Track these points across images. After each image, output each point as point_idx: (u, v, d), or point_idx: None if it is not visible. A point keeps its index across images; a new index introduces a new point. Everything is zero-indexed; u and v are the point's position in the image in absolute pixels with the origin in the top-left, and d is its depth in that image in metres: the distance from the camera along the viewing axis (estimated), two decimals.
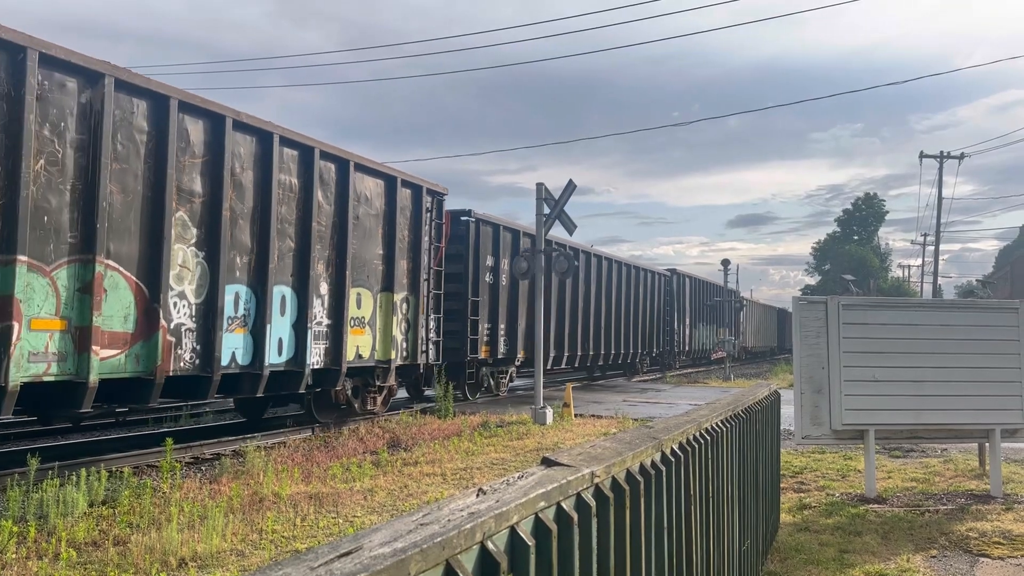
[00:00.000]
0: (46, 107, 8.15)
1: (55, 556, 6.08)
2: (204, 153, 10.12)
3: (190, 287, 9.97)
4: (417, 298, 14.73)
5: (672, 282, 32.76)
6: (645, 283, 29.44)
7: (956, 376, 8.89)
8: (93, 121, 8.62)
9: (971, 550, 6.79)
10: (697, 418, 3.96)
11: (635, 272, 28.39)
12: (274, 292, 11.24)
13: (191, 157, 9.91)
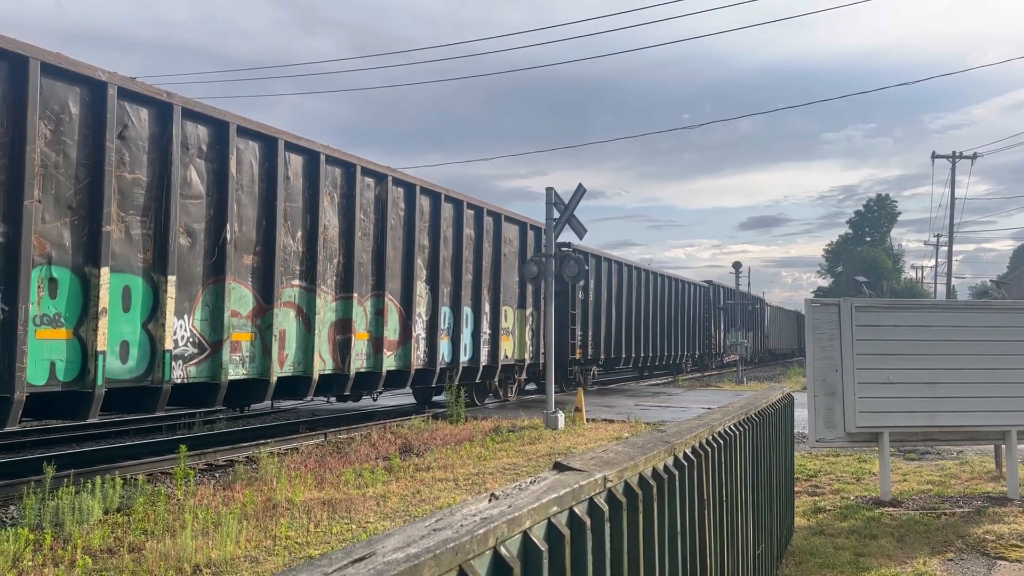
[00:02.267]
0: (367, 205, 13.35)
1: (71, 563, 6.11)
2: (429, 219, 15.21)
3: (423, 309, 14.91)
4: (538, 312, 19.56)
5: (709, 292, 37.56)
6: (687, 294, 33.88)
7: (971, 377, 8.82)
8: (380, 208, 13.65)
9: (988, 553, 6.73)
10: (710, 422, 3.94)
11: (679, 284, 32.79)
12: (462, 311, 16.24)
13: (422, 222, 14.95)
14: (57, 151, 8.32)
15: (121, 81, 8.93)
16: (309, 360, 11.87)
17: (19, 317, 7.82)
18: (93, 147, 8.64)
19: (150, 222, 9.36)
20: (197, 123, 10.00)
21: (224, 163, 10.32)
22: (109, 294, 8.79)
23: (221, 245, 10.28)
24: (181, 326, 9.75)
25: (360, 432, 13.82)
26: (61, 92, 8.33)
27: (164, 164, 9.50)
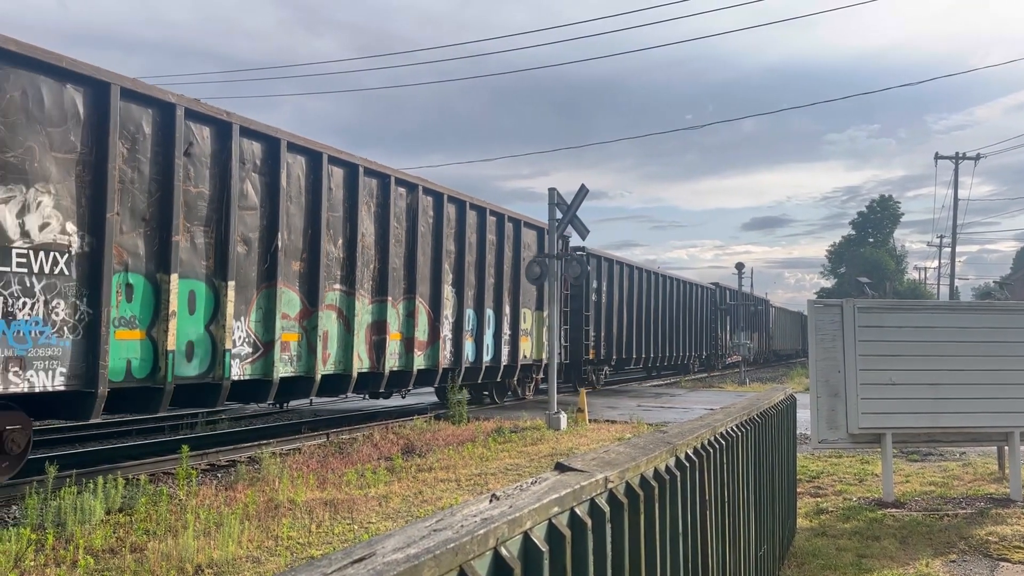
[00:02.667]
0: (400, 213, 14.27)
1: (73, 563, 6.12)
2: (455, 225, 16.06)
3: (449, 311, 15.76)
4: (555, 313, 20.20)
5: (716, 294, 38.50)
6: (695, 295, 34.72)
7: (974, 379, 8.81)
8: (411, 216, 14.61)
9: (991, 554, 6.71)
10: (712, 422, 3.94)
11: (687, 286, 33.61)
12: (485, 313, 17.05)
13: (448, 229, 15.76)
14: (132, 168, 9.16)
15: (187, 103, 9.76)
16: (349, 359, 12.83)
17: (102, 319, 8.65)
18: (163, 164, 9.50)
19: (212, 232, 10.24)
20: (252, 140, 10.85)
21: (276, 176, 11.23)
22: (177, 298, 9.64)
23: (273, 252, 11.22)
24: (238, 327, 10.64)
25: (362, 432, 13.83)
26: (136, 114, 9.18)
27: (224, 178, 10.35)
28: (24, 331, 8.00)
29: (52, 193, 8.32)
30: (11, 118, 7.94)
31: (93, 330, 8.59)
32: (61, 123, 8.40)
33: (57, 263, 8.35)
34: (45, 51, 8.21)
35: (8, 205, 7.89)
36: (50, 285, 8.28)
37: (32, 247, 8.13)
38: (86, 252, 8.59)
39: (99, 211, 8.69)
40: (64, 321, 8.39)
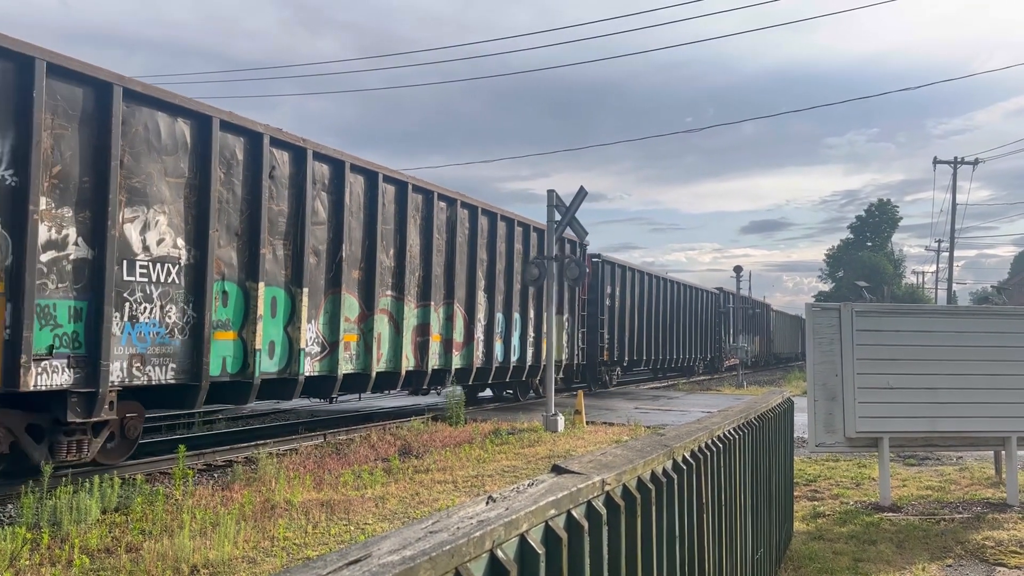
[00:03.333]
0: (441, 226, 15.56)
1: (68, 563, 6.10)
2: (487, 235, 17.26)
3: (482, 315, 17.03)
4: (574, 318, 22.11)
5: (720, 298, 39.48)
6: (700, 300, 35.86)
7: (971, 383, 8.81)
8: (450, 228, 15.94)
9: (987, 559, 6.71)
10: (709, 425, 3.93)
11: (693, 291, 34.76)
12: (512, 316, 18.35)
13: (481, 239, 16.99)
14: (228, 190, 10.48)
15: (273, 132, 11.08)
16: (398, 358, 14.28)
17: (205, 322, 9.97)
18: (252, 186, 10.82)
19: (289, 244, 11.61)
20: (322, 162, 12.23)
21: (340, 194, 12.60)
22: (263, 303, 10.99)
23: (337, 262, 12.60)
24: (310, 329, 11.99)
25: (359, 433, 13.81)
26: (231, 142, 10.52)
27: (299, 197, 11.70)
28: (144, 332, 9.36)
29: (166, 213, 9.66)
30: (136, 148, 9.26)
31: (198, 331, 9.96)
32: (173, 152, 9.75)
33: (170, 273, 9.72)
34: (162, 90, 9.57)
35: (133, 224, 9.26)
36: (164, 292, 9.63)
37: (151, 259, 9.49)
38: (192, 264, 9.96)
39: (203, 228, 10.03)
40: (175, 323, 9.74)
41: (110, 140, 8.84)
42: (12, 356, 8.01)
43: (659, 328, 29.79)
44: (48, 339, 8.37)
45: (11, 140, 8.03)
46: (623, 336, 26.11)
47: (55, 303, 8.44)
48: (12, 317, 8.05)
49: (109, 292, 8.85)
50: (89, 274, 8.76)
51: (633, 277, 27.07)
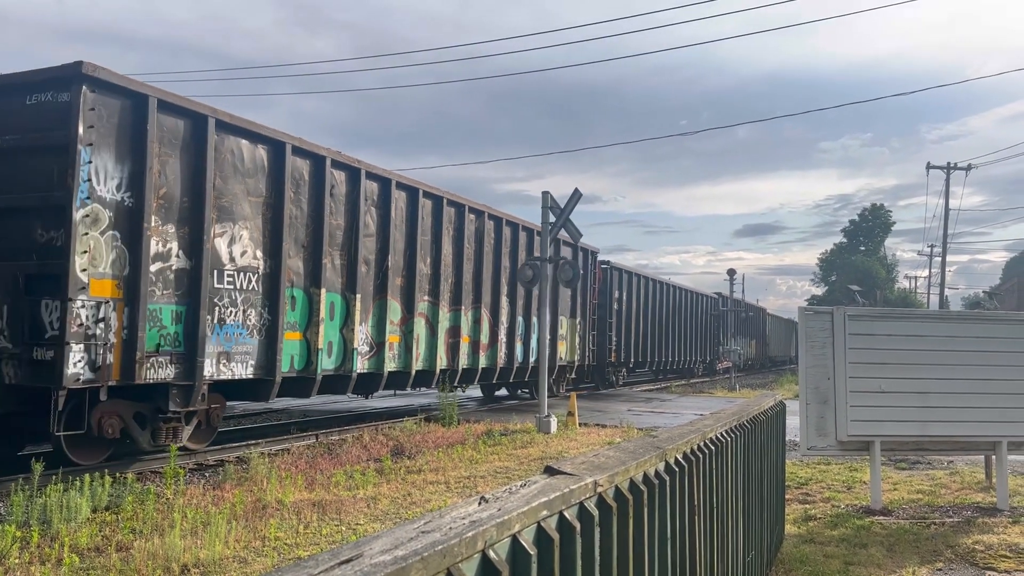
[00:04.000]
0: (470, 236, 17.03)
1: (58, 561, 6.07)
2: (510, 244, 18.66)
3: (504, 318, 18.39)
4: (585, 321, 23.60)
5: (718, 303, 40.69)
6: (699, 304, 37.15)
7: (963, 388, 8.85)
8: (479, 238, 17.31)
9: (977, 563, 6.74)
10: (701, 428, 3.94)
11: (693, 296, 36.13)
12: (531, 320, 19.65)
13: (505, 247, 18.48)
14: (296, 207, 11.83)
15: (333, 155, 12.50)
16: (433, 358, 15.71)
17: (279, 324, 11.38)
18: (315, 203, 12.19)
19: (344, 255, 12.97)
20: (372, 180, 13.68)
21: (387, 209, 14.04)
22: (324, 308, 12.35)
23: (384, 271, 14.07)
24: (362, 330, 13.38)
25: (352, 433, 13.79)
26: (299, 165, 11.87)
27: (353, 212, 13.10)
28: (230, 333, 10.70)
29: (248, 228, 10.99)
30: (224, 172, 10.56)
31: (272, 332, 11.35)
32: (253, 174, 11.08)
33: (250, 281, 11.06)
34: (245, 120, 10.89)
35: (222, 238, 10.56)
36: (246, 298, 10.99)
37: (236, 269, 10.82)
38: (268, 273, 11.32)
39: (277, 241, 11.40)
40: (254, 325, 11.11)
41: (205, 165, 10.15)
42: (128, 353, 9.29)
43: (662, 331, 31.15)
44: (156, 339, 9.68)
45: (129, 167, 9.32)
46: (629, 339, 27.51)
47: (161, 307, 9.76)
48: (128, 320, 9.31)
49: (204, 298, 10.17)
50: (187, 282, 10.09)
51: (639, 282, 28.55)
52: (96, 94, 8.94)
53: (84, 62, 8.78)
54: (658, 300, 30.77)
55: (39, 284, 8.96)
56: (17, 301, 8.98)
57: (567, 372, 23.23)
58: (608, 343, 25.73)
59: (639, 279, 28.71)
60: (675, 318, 33.01)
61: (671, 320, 32.41)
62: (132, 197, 9.33)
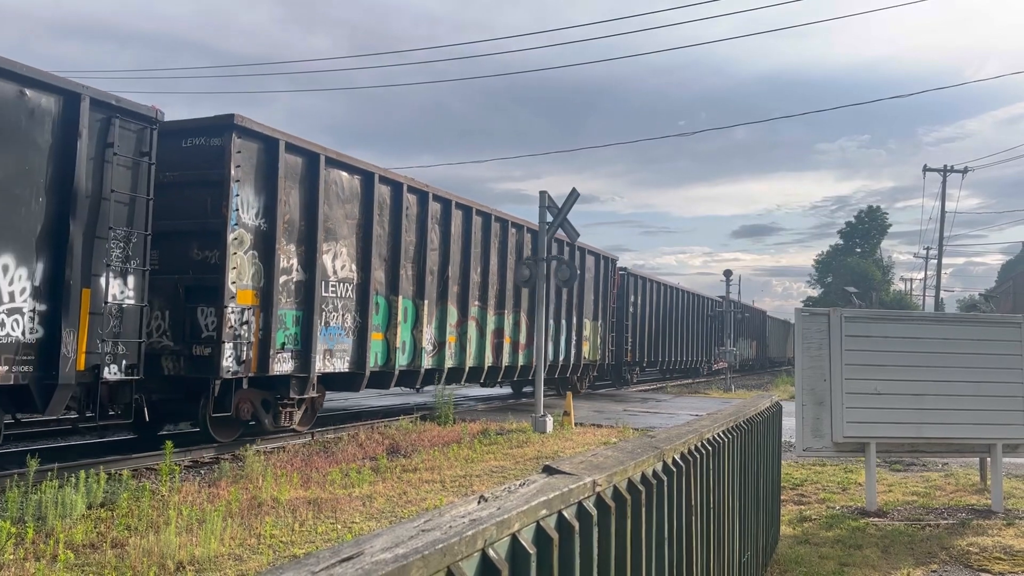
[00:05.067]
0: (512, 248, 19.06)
1: (53, 558, 6.06)
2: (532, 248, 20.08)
3: (526, 321, 19.80)
4: (605, 323, 25.71)
5: (721, 305, 41.62)
6: (704, 307, 39.15)
7: (958, 390, 8.86)
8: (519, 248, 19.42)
9: (972, 565, 6.76)
10: (699, 428, 3.94)
11: (699, 299, 38.18)
12: (561, 322, 21.79)
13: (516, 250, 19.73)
14: (380, 226, 14.05)
15: (408, 181, 14.83)
16: (482, 356, 17.85)
17: (368, 326, 13.64)
18: (394, 222, 14.47)
19: (415, 266, 15.21)
20: (436, 202, 15.83)
21: (448, 226, 16.24)
22: (400, 312, 14.62)
23: (444, 280, 16.21)
24: (428, 332, 15.61)
25: (347, 432, 13.78)
26: (383, 191, 14.15)
27: (422, 230, 15.38)
28: (332, 333, 12.81)
29: (345, 246, 13.19)
30: (330, 199, 12.75)
31: (363, 333, 13.57)
32: (350, 200, 13.29)
33: (347, 290, 13.26)
34: (345, 155, 13.02)
35: (328, 255, 12.74)
36: (344, 304, 13.18)
37: (337, 280, 13.00)
38: (360, 283, 13.55)
39: (367, 256, 13.66)
40: (349, 327, 13.30)
41: (318, 195, 12.35)
42: (263, 350, 11.45)
43: (670, 333, 33.14)
44: (282, 338, 11.81)
45: (264, 199, 11.47)
46: (643, 340, 29.67)
47: (285, 312, 11.89)
48: (263, 323, 11.45)
49: (316, 304, 12.33)
50: (304, 292, 12.23)
51: (651, 287, 30.70)
52: (242, 140, 11.02)
53: (235, 114, 10.86)
54: (667, 303, 32.68)
55: (196, 294, 10.95)
56: (177, 307, 10.93)
57: (590, 370, 25.17)
58: (625, 344, 27.83)
59: (651, 284, 30.83)
60: (682, 320, 34.88)
61: (679, 322, 34.25)
62: (266, 223, 11.49)
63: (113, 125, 9.17)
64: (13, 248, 8.19)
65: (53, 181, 8.57)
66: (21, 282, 8.32)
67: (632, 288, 28.57)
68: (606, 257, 25.44)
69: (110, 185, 9.11)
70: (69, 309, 8.61)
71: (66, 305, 8.58)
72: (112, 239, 9.16)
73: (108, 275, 9.12)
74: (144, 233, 9.58)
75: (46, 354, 8.49)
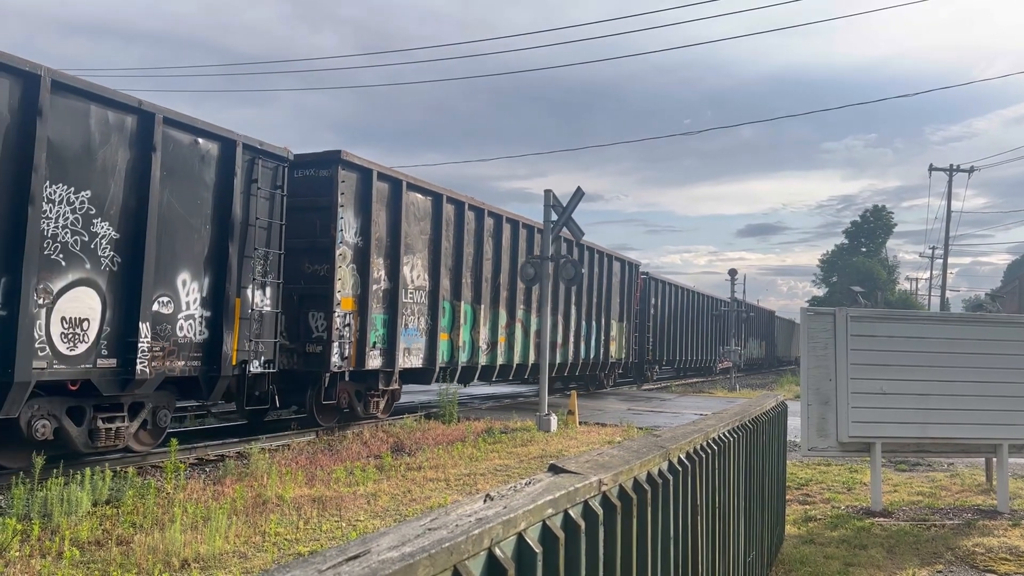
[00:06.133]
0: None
1: (58, 554, 6.08)
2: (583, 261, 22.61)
3: (572, 322, 22.28)
4: (629, 324, 27.59)
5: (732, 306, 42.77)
6: (716, 308, 40.52)
7: (964, 390, 8.84)
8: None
9: (977, 566, 6.73)
10: (704, 428, 3.94)
11: (712, 301, 39.81)
12: (591, 323, 23.70)
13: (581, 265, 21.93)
14: (447, 240, 16.01)
15: (469, 200, 16.79)
16: (526, 354, 19.64)
17: (437, 328, 15.70)
18: (457, 236, 16.46)
19: (472, 274, 17.09)
20: (490, 217, 17.68)
21: (499, 239, 18.11)
22: (462, 315, 16.58)
23: (496, 286, 18.09)
24: (483, 332, 17.53)
25: (352, 430, 13.79)
26: (448, 210, 16.09)
27: (479, 242, 17.26)
28: (410, 334, 15.00)
29: (420, 258, 15.29)
30: (408, 219, 14.79)
31: (432, 334, 15.64)
32: (423, 218, 15.40)
33: (421, 296, 15.35)
34: (422, 180, 15.31)
35: (407, 266, 14.79)
36: (419, 308, 15.27)
37: (414, 288, 15.10)
38: (430, 290, 15.57)
39: (436, 266, 15.67)
40: (422, 328, 15.39)
41: (400, 215, 14.46)
42: (360, 348, 13.50)
43: (686, 333, 34.96)
44: (373, 338, 13.87)
45: (361, 220, 13.57)
46: (662, 339, 31.53)
47: (376, 316, 13.94)
48: (360, 325, 13.52)
49: (398, 309, 14.45)
50: (389, 298, 14.32)
51: (669, 290, 32.53)
52: (345, 171, 13.06)
53: (341, 151, 12.94)
54: (683, 305, 34.46)
55: (307, 301, 13.01)
56: (292, 312, 12.84)
57: (616, 368, 27.56)
58: (647, 343, 29.88)
59: (669, 287, 32.68)
60: (695, 321, 36.58)
61: (692, 323, 36.01)
62: (362, 240, 13.58)
63: (257, 164, 11.27)
64: (189, 266, 10.19)
65: (216, 212, 10.57)
66: (194, 294, 10.27)
67: (652, 291, 30.42)
68: (630, 263, 27.51)
69: (255, 213, 11.19)
70: (227, 315, 10.64)
71: (226, 312, 10.61)
72: (256, 257, 11.27)
73: (253, 287, 11.21)
74: (278, 252, 11.72)
75: (210, 352, 10.47)
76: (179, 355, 10.00)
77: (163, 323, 9.76)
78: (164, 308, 9.83)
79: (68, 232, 8.63)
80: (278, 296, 11.73)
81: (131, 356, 9.28)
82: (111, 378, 9.15)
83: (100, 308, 9.01)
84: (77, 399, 9.13)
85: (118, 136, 9.19)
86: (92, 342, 8.92)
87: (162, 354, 9.75)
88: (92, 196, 8.91)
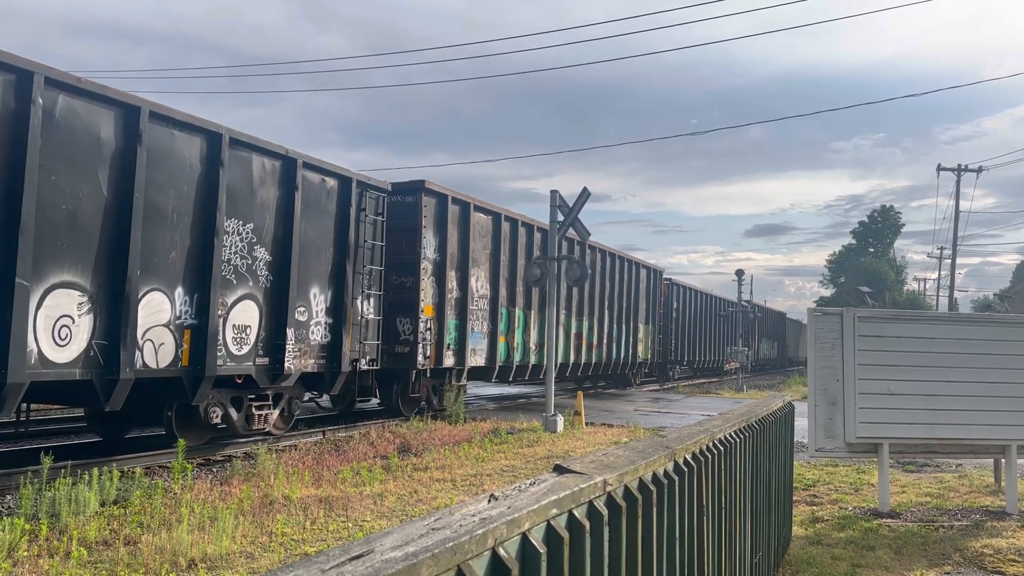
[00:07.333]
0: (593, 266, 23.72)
1: (66, 554, 6.10)
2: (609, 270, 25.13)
3: (606, 325, 24.57)
4: (654, 327, 29.91)
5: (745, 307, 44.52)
6: (730, 310, 42.01)
7: (972, 391, 8.80)
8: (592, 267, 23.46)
9: (986, 567, 6.70)
10: (710, 428, 3.93)
11: (726, 303, 41.40)
12: (622, 326, 25.98)
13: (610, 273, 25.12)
14: (504, 254, 18.13)
15: (520, 216, 18.87)
16: (567, 354, 21.66)
17: (497, 331, 17.84)
18: (512, 250, 18.59)
19: (524, 283, 18.67)
20: (538, 232, 19.53)
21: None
22: (516, 320, 18.76)
23: (542, 293, 18.71)
24: (532, 335, 19.54)
25: (359, 431, 13.81)
26: (505, 227, 18.29)
27: (529, 254, 19.04)
28: (475, 336, 17.06)
29: (483, 270, 17.39)
30: (474, 236, 16.89)
31: (493, 336, 17.74)
32: (485, 236, 17.50)
33: (484, 303, 17.45)
34: (482, 201, 17.29)
35: (473, 277, 16.85)
36: (482, 314, 17.36)
37: (478, 296, 17.20)
38: (490, 297, 17.62)
39: (495, 277, 17.81)
40: (485, 332, 17.46)
41: (468, 233, 16.61)
42: (439, 349, 15.70)
43: (703, 334, 36.82)
44: (448, 340, 16.04)
45: (439, 239, 15.78)
46: (682, 341, 33.53)
47: (450, 321, 16.05)
48: (438, 329, 15.70)
49: (467, 314, 16.57)
50: (460, 306, 16.45)
51: (688, 294, 34.50)
52: (427, 197, 15.31)
53: (425, 180, 15.33)
54: (700, 308, 36.33)
55: (395, 308, 15.07)
56: (384, 318, 14.39)
57: (643, 368, 29.60)
58: (669, 345, 31.97)
59: (688, 291, 34.66)
60: (711, 322, 38.50)
61: (709, 324, 37.97)
62: (439, 255, 15.75)
63: (365, 196, 13.50)
64: (318, 282, 12.40)
65: (336, 236, 12.84)
66: (321, 304, 12.44)
67: (675, 296, 32.56)
68: (655, 269, 29.90)
69: (363, 237, 13.43)
70: (345, 322, 12.85)
71: (344, 319, 12.84)
72: (363, 273, 13.43)
73: (361, 298, 13.41)
74: (379, 269, 13.97)
75: (332, 352, 12.71)
76: (311, 355, 12.24)
77: (301, 328, 11.95)
78: (301, 316, 11.96)
79: (238, 256, 10.80)
80: (380, 305, 14.04)
81: (280, 356, 11.48)
82: (265, 373, 11.36)
83: (259, 317, 11.20)
84: (239, 390, 11.29)
85: (271, 179, 11.41)
86: (252, 344, 11.10)
87: (299, 354, 11.92)
88: (254, 227, 11.09)
